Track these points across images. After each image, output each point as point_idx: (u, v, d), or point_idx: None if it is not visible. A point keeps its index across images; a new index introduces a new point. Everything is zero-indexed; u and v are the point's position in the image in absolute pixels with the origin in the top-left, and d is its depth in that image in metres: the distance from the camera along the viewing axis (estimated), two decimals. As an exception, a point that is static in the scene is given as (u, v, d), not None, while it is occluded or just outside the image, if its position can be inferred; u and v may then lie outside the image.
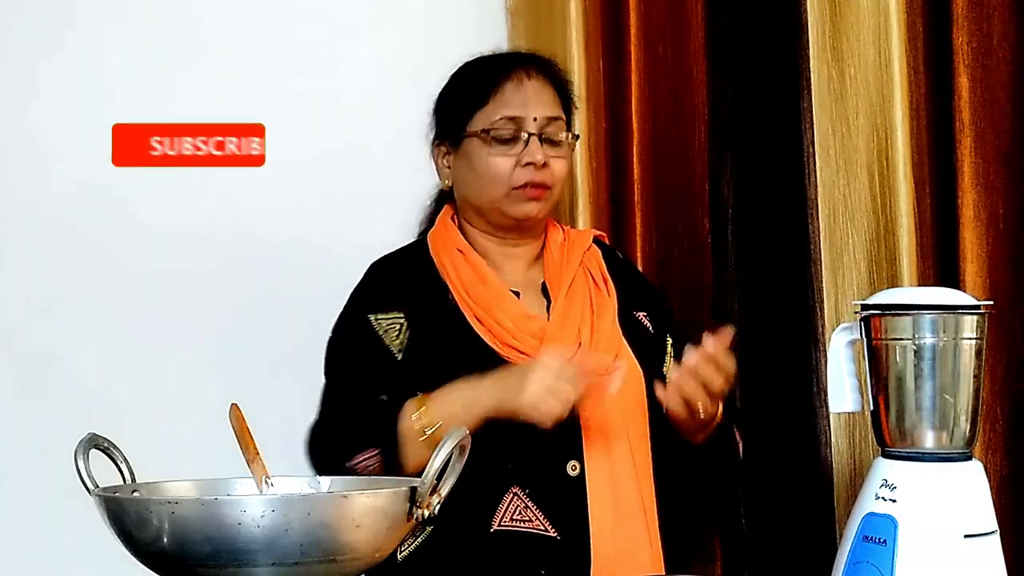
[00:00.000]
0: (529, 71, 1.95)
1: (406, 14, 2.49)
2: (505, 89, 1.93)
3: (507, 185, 1.89)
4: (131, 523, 1.20)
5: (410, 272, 1.94)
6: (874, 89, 2.07)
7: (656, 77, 2.35)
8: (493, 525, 1.79)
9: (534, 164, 1.89)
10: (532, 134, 1.90)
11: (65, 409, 2.26)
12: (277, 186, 2.41)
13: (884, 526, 1.49)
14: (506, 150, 1.90)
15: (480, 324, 1.88)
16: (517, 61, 1.98)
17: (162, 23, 2.39)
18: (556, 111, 1.94)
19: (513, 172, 1.90)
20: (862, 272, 2.09)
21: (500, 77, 1.94)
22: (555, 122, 1.93)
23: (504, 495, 1.80)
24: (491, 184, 1.90)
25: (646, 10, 2.36)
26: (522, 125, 1.90)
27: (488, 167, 1.90)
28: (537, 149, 1.89)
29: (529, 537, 1.79)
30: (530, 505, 1.80)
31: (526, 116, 1.91)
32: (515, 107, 1.91)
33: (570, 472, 1.83)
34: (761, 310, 2.24)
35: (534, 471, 1.81)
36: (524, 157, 1.89)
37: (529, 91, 1.93)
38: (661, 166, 2.35)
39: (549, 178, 1.91)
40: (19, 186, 2.34)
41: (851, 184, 2.09)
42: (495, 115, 1.91)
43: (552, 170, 1.91)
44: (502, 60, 2.01)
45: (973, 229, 2.01)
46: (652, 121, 2.35)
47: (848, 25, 2.09)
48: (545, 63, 2.01)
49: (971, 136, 2.02)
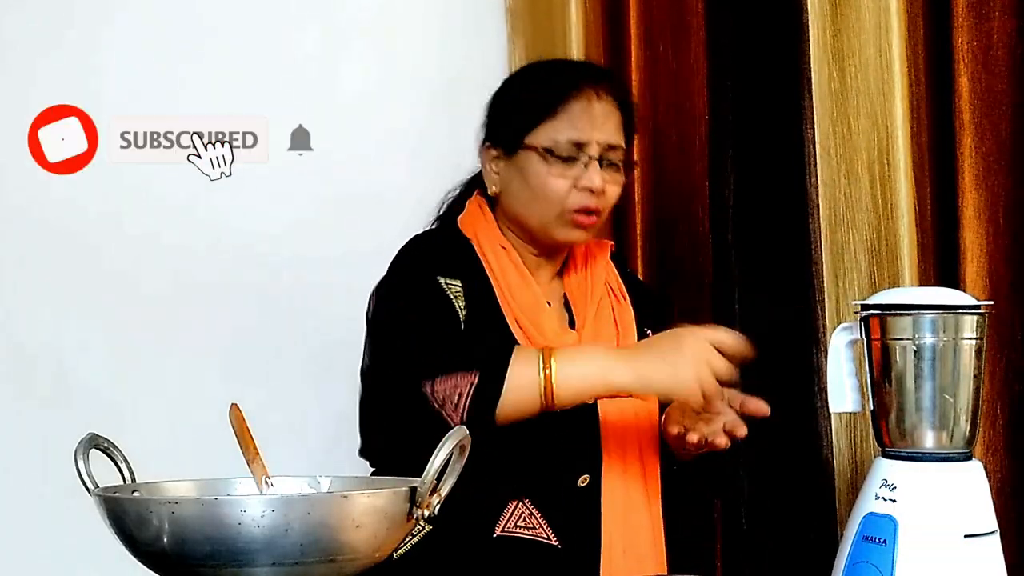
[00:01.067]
0: (600, 91, 1.87)
1: (406, 14, 2.49)
2: (573, 108, 1.85)
3: (560, 207, 1.84)
4: (131, 523, 1.20)
5: (457, 249, 1.88)
6: (875, 89, 2.07)
7: (656, 77, 2.35)
8: (496, 531, 1.78)
9: (591, 190, 1.83)
10: (593, 158, 1.84)
11: (65, 409, 2.27)
12: (277, 186, 2.41)
13: (884, 526, 1.49)
14: (564, 171, 1.83)
15: (519, 328, 1.83)
16: (589, 77, 1.90)
17: (162, 23, 2.39)
18: (619, 138, 1.88)
19: (569, 195, 1.83)
20: (862, 272, 2.08)
21: (569, 92, 1.85)
22: (618, 151, 1.87)
23: (510, 502, 1.79)
24: (544, 203, 1.84)
25: (646, 10, 2.36)
26: (585, 148, 1.84)
27: (544, 185, 1.83)
28: (596, 174, 1.83)
29: (531, 545, 1.78)
30: (535, 513, 1.79)
31: (591, 140, 1.84)
32: (581, 129, 1.84)
33: (579, 484, 1.82)
34: (761, 310, 2.24)
35: (543, 481, 1.80)
36: (583, 181, 1.83)
37: (597, 113, 1.85)
38: (661, 166, 2.35)
39: (603, 204, 1.86)
40: (20, 187, 2.34)
41: (852, 184, 2.09)
42: (559, 134, 1.84)
43: (607, 196, 1.86)
44: (573, 73, 1.93)
45: (973, 229, 2.01)
46: (652, 121, 2.35)
47: (848, 24, 2.09)
48: (617, 84, 1.95)
49: (972, 136, 2.02)
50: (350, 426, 1.93)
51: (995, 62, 2.03)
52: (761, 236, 2.25)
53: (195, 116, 2.39)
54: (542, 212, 1.86)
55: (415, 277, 1.82)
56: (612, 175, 1.87)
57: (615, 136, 1.87)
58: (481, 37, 2.38)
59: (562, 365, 1.68)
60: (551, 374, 1.67)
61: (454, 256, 1.86)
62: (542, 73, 1.95)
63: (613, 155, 1.86)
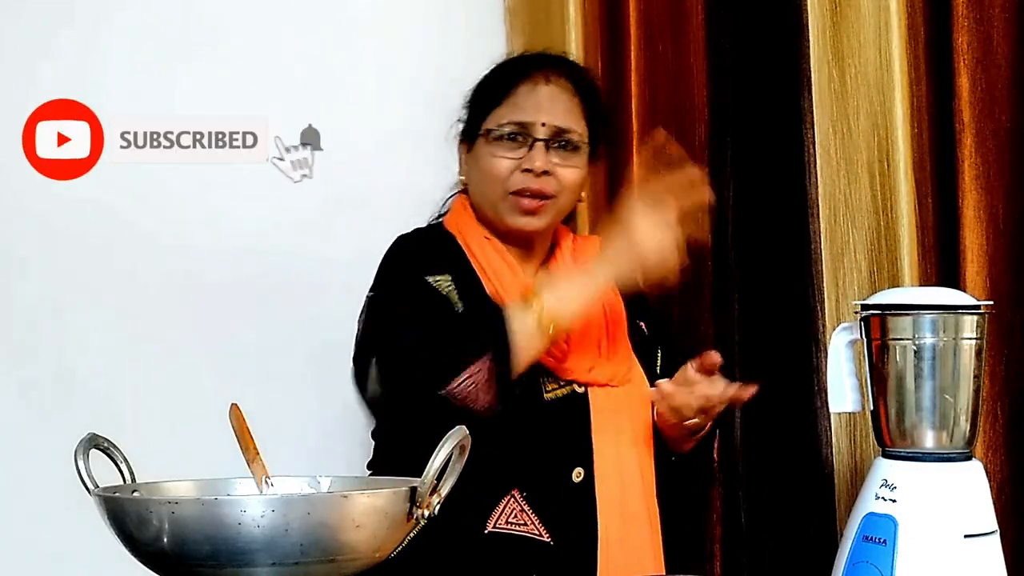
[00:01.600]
0: (549, 75, 1.90)
1: (406, 14, 2.49)
2: (519, 92, 1.88)
3: (503, 187, 1.86)
4: (131, 523, 1.20)
5: (442, 245, 1.90)
6: (875, 89, 2.07)
7: (656, 77, 2.35)
8: (488, 527, 1.78)
9: (533, 171, 1.84)
10: (538, 140, 1.85)
11: (65, 409, 2.26)
12: (276, 187, 2.41)
13: (884, 526, 1.49)
14: (509, 153, 1.86)
15: None
16: (538, 63, 1.93)
17: (161, 22, 2.39)
18: (571, 121, 1.88)
19: (511, 176, 1.85)
20: (862, 272, 2.08)
21: (518, 79, 1.89)
22: (568, 134, 1.87)
23: (502, 498, 1.79)
24: (489, 185, 1.87)
25: (646, 10, 2.36)
26: (530, 130, 1.86)
27: (490, 168, 1.86)
28: (539, 156, 1.84)
29: (523, 541, 1.79)
30: (526, 509, 1.79)
31: (535, 121, 1.86)
32: (525, 111, 1.87)
33: (574, 479, 1.82)
34: (761, 310, 2.24)
35: (536, 475, 1.81)
36: (524, 163, 1.85)
37: (544, 95, 1.88)
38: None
39: (551, 187, 1.86)
40: (20, 188, 2.34)
41: (852, 184, 2.09)
42: (504, 117, 1.87)
43: (558, 179, 1.86)
44: (526, 62, 1.96)
45: (973, 229, 2.01)
46: (652, 121, 2.35)
47: (848, 25, 2.09)
48: (571, 67, 1.96)
49: (972, 136, 2.02)
50: (350, 426, 1.93)
51: (995, 62, 2.03)
52: (761, 236, 2.25)
53: (195, 116, 2.39)
54: (490, 195, 1.88)
55: (405, 281, 1.83)
56: (564, 158, 1.87)
57: (566, 119, 1.88)
58: (481, 36, 2.38)
59: (548, 298, 1.73)
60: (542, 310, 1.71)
61: (439, 252, 1.88)
62: (501, 65, 1.98)
63: (564, 138, 1.87)
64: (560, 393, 1.85)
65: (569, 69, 1.95)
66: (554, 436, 1.81)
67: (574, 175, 1.89)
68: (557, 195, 1.87)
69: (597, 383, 1.86)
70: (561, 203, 1.89)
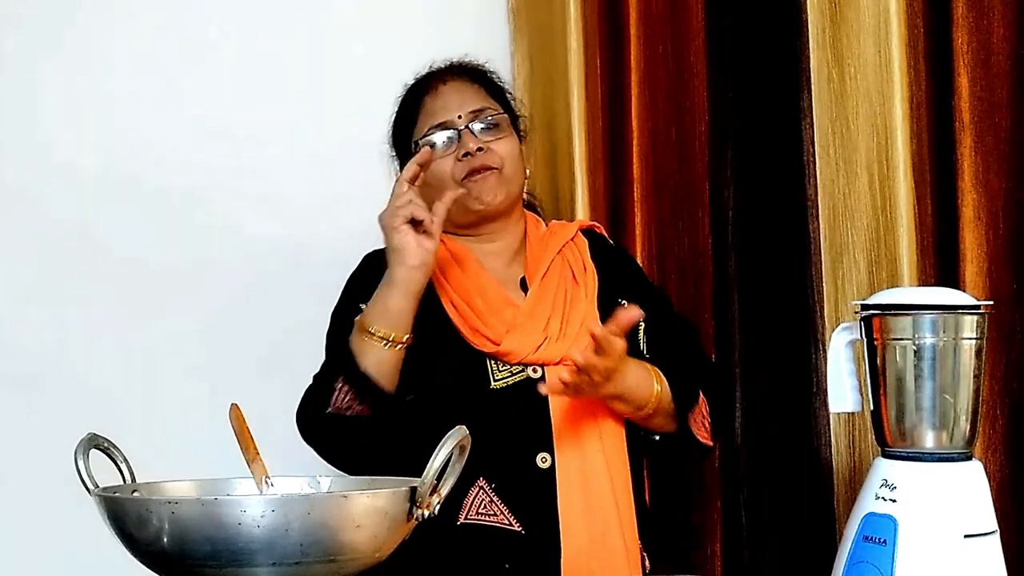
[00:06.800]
0: (444, 77, 2.02)
1: (408, 14, 2.50)
2: (426, 103, 2.00)
3: (453, 181, 1.93)
4: (131, 523, 1.20)
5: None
6: (874, 89, 2.07)
7: (656, 77, 2.35)
8: (460, 519, 1.81)
9: (470, 152, 1.93)
10: (460, 129, 1.95)
11: (65, 409, 2.26)
12: (276, 186, 2.41)
13: (884, 526, 1.49)
14: (444, 152, 1.95)
15: (454, 309, 1.90)
16: (431, 75, 2.05)
17: (162, 22, 2.40)
18: (481, 102, 2.00)
19: (454, 167, 1.94)
20: (862, 272, 2.08)
21: (421, 95, 2.02)
22: (484, 111, 1.98)
23: (470, 489, 1.81)
24: (440, 188, 1.91)
25: (646, 10, 2.36)
26: (451, 125, 1.96)
27: (434, 171, 1.93)
28: (469, 138, 1.95)
29: (494, 531, 1.80)
30: (495, 499, 1.81)
31: (450, 117, 1.97)
32: (438, 113, 1.98)
33: (540, 464, 1.84)
34: (761, 310, 2.24)
35: (502, 464, 1.82)
36: (459, 151, 1.94)
37: (448, 94, 2.00)
38: (661, 165, 2.35)
39: (493, 160, 1.95)
40: (18, 184, 2.34)
41: (851, 184, 2.09)
42: (424, 128, 1.98)
43: (495, 151, 1.95)
44: (419, 80, 2.07)
45: (973, 229, 2.01)
46: (652, 121, 2.35)
47: (848, 25, 2.09)
48: (459, 65, 2.07)
49: (971, 136, 2.02)
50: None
51: (995, 62, 2.03)
52: (760, 236, 2.25)
53: (193, 115, 2.39)
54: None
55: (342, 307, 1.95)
56: (492, 133, 1.97)
57: (475, 101, 1.99)
58: (483, 36, 2.39)
59: (370, 312, 1.83)
60: (363, 318, 1.82)
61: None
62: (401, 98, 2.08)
63: (483, 116, 1.97)
64: (512, 381, 1.86)
65: (459, 67, 2.07)
66: (510, 423, 1.82)
67: (508, 144, 1.98)
68: (501, 167, 1.95)
69: (548, 362, 1.87)
70: (508, 173, 1.97)
